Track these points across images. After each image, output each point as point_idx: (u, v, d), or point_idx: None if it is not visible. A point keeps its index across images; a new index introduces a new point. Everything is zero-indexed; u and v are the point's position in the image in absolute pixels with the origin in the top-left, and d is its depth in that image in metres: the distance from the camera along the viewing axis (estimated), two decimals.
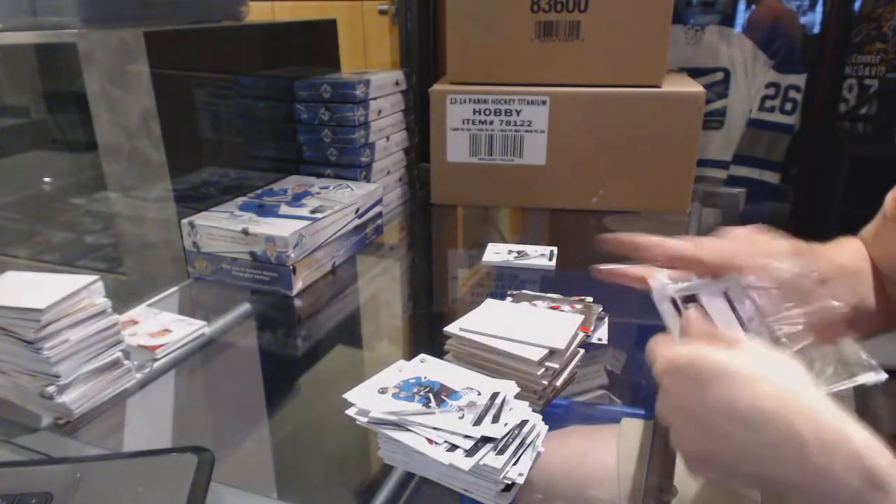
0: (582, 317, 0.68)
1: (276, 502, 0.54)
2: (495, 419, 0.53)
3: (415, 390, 0.57)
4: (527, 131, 1.18)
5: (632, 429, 0.67)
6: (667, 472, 0.53)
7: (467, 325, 0.65)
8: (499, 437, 0.51)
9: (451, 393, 0.57)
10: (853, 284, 0.57)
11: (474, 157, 1.22)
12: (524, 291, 0.84)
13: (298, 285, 0.91)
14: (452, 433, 0.51)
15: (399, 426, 0.53)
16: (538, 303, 0.79)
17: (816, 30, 1.55)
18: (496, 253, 1.04)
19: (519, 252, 1.03)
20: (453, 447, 0.50)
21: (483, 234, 1.22)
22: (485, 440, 0.51)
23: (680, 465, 0.54)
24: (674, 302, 0.49)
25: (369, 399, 0.56)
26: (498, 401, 0.55)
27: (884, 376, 0.44)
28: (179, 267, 0.96)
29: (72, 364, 0.62)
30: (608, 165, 1.18)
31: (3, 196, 1.16)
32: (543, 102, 1.15)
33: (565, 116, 1.16)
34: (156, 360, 0.74)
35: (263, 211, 0.97)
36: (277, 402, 0.75)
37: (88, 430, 0.62)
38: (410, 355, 0.64)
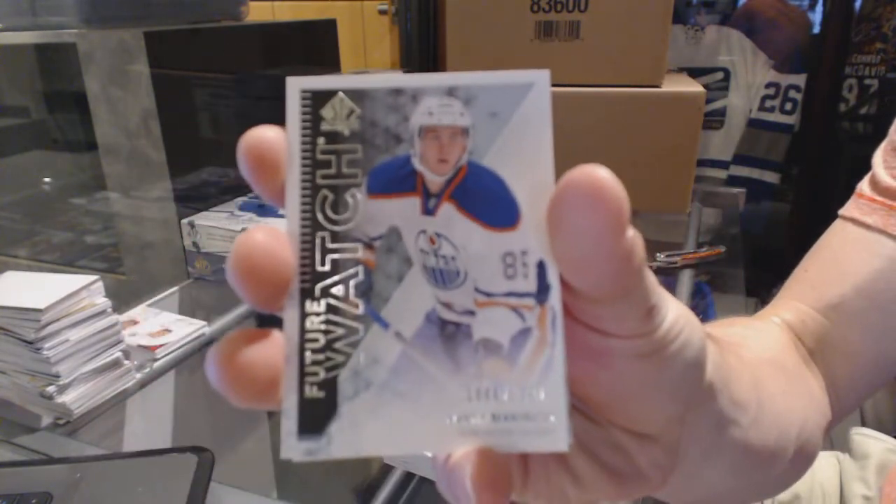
0: None
1: (275, 502, 0.54)
2: None
3: None
4: None
5: None
6: None
7: None
8: None
9: None
10: None
11: None
12: None
13: None
14: None
15: None
16: None
17: (816, 30, 1.55)
18: None
19: None
20: None
21: None
22: None
23: None
24: None
25: None
26: None
27: None
28: (179, 267, 0.96)
29: (72, 364, 0.61)
30: (608, 165, 1.17)
31: (3, 196, 1.16)
32: None
33: (565, 116, 1.16)
34: (156, 360, 0.74)
35: (264, 211, 0.97)
36: None
37: (88, 430, 0.62)
38: None
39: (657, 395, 0.19)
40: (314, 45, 1.26)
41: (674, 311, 0.18)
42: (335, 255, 0.16)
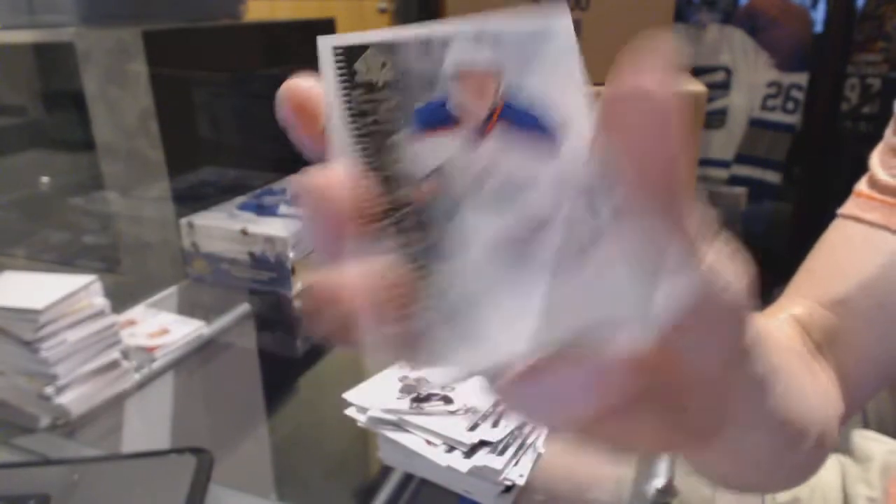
0: None
1: None
2: (495, 424, 0.52)
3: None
4: None
5: None
6: (668, 472, 0.52)
7: None
8: (496, 439, 0.50)
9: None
10: None
11: None
12: None
13: (298, 286, 0.90)
14: (448, 437, 0.51)
15: (398, 426, 0.52)
16: None
17: (819, 28, 1.54)
18: None
19: None
20: (451, 448, 0.50)
21: None
22: (483, 443, 0.50)
23: (682, 466, 0.53)
24: None
25: (368, 399, 0.55)
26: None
27: None
28: (178, 267, 0.95)
29: (70, 365, 0.61)
30: None
31: (0, 195, 1.15)
32: None
33: None
34: (154, 360, 0.74)
35: (262, 211, 0.96)
36: (276, 402, 0.75)
37: (86, 431, 0.62)
38: None
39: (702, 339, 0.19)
40: (313, 44, 1.26)
41: (713, 255, 0.19)
42: (388, 197, 0.17)
